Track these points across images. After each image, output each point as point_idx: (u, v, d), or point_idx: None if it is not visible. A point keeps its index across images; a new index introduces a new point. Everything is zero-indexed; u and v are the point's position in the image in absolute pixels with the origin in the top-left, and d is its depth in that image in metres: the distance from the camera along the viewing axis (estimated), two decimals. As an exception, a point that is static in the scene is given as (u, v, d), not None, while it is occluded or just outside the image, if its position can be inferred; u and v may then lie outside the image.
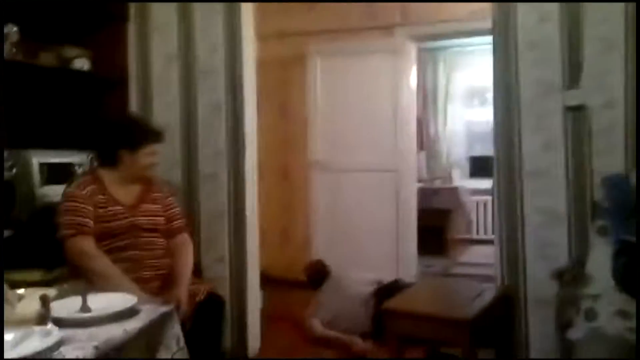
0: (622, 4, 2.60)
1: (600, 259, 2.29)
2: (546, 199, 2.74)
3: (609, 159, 2.63)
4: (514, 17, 2.80)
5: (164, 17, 3.38)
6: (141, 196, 2.60)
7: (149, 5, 3.40)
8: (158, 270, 2.52)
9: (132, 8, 3.43)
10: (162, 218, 2.62)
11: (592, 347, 2.10)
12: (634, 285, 2.07)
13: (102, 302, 1.79)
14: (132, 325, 1.67)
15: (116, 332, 1.60)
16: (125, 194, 2.55)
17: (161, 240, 2.58)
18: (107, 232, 2.43)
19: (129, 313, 1.74)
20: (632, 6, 2.58)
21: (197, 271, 2.80)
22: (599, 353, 2.04)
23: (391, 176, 4.72)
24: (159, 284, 2.49)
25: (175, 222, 2.67)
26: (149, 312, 1.77)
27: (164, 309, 1.82)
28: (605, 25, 2.63)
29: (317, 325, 3.69)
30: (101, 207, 2.45)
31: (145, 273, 2.46)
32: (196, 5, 3.32)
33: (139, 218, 2.51)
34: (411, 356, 2.91)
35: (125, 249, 2.45)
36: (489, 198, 5.71)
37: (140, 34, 3.43)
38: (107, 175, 2.55)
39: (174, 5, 3.36)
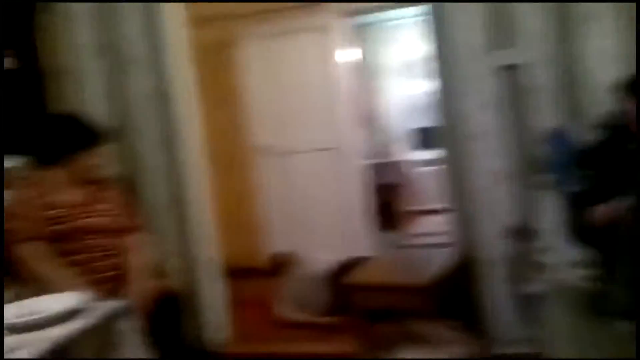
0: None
1: (547, 213, 2.36)
2: (490, 159, 2.78)
3: (544, 114, 2.69)
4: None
5: (80, 6, 3.21)
6: (89, 197, 2.50)
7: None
8: (110, 271, 2.43)
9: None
10: (112, 218, 2.53)
11: (549, 299, 2.16)
12: (584, 235, 2.14)
13: (50, 303, 1.71)
14: (81, 324, 1.61)
15: (64, 332, 1.54)
16: (72, 195, 2.46)
17: (112, 240, 2.49)
18: (55, 235, 2.34)
19: (78, 312, 1.66)
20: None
21: (152, 268, 2.72)
22: (556, 304, 2.10)
23: (335, 154, 4.72)
24: (113, 285, 2.40)
25: (126, 221, 2.59)
26: (100, 309, 1.71)
27: (116, 304, 1.75)
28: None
29: (285, 310, 3.67)
30: (46, 210, 2.35)
31: (97, 275, 2.38)
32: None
33: (88, 219, 2.43)
34: (381, 330, 2.92)
35: (75, 252, 2.37)
36: (433, 169, 5.78)
37: (65, 27, 3.25)
38: (52, 177, 2.46)
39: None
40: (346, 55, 4.79)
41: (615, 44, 2.60)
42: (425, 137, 6.15)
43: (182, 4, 3.35)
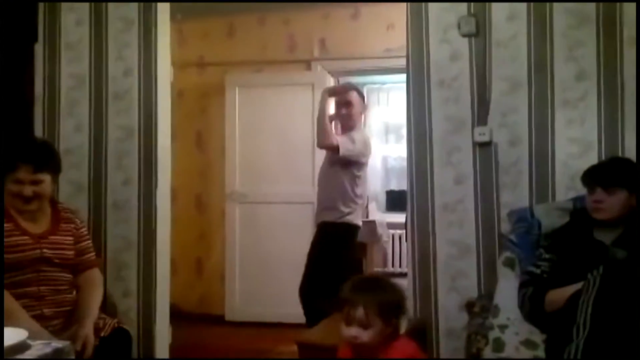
0: (527, 45, 2.75)
1: (507, 290, 2.37)
2: (457, 231, 2.82)
3: (515, 193, 2.75)
4: (427, 56, 2.90)
5: (75, 36, 3.25)
6: (51, 227, 2.43)
7: (60, 25, 3.26)
8: (61, 306, 2.36)
9: (43, 28, 3.28)
10: (72, 252, 2.46)
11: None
12: (539, 316, 2.15)
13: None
14: (21, 362, 1.53)
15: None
16: (33, 223, 2.39)
17: (68, 275, 2.43)
18: (10, 263, 2.24)
19: (18, 349, 1.59)
20: (536, 47, 2.74)
21: (104, 304, 2.65)
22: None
23: (308, 208, 4.70)
24: (62, 321, 2.33)
25: (86, 256, 2.53)
26: (41, 347, 1.64)
27: (57, 344, 1.68)
28: (511, 66, 2.79)
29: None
30: (6, 237, 2.26)
31: (47, 310, 2.31)
32: (110, 25, 3.22)
33: (47, 251, 2.35)
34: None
35: (28, 284, 2.29)
36: (403, 231, 5.81)
37: (50, 55, 3.28)
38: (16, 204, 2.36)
39: (86, 24, 3.23)
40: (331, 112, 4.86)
41: (588, 132, 2.70)
42: (398, 200, 6.20)
43: (174, 45, 3.40)
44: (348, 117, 3.74)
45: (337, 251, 3.67)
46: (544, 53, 2.75)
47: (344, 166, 3.63)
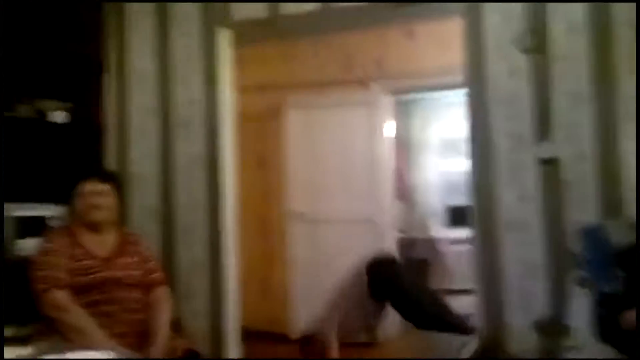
0: (588, 58, 2.70)
1: (580, 310, 2.31)
2: (524, 249, 2.78)
3: (582, 209, 2.70)
4: (485, 72, 2.89)
5: (142, 66, 3.41)
6: (117, 249, 2.54)
7: (127, 55, 3.43)
8: (134, 325, 2.43)
9: (111, 58, 3.46)
10: (139, 272, 2.55)
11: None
12: (614, 336, 2.09)
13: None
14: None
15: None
16: (100, 246, 2.50)
17: (137, 294, 2.50)
18: (81, 286, 2.36)
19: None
20: (598, 59, 2.68)
21: (176, 326, 2.73)
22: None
23: (369, 226, 4.73)
24: (135, 340, 2.40)
25: (152, 276, 2.61)
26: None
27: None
28: (573, 80, 2.74)
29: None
30: (76, 260, 2.39)
31: (120, 329, 2.38)
32: (175, 56, 3.36)
33: (115, 272, 2.45)
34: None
35: (99, 304, 2.38)
36: (467, 247, 5.73)
37: (118, 84, 3.45)
38: (81, 228, 2.51)
39: (152, 55, 3.39)
40: (388, 129, 4.89)
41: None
42: (459, 215, 6.12)
43: (235, 71, 3.50)
44: None
45: None
46: (607, 65, 2.69)
47: None
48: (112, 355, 1.78)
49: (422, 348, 3.01)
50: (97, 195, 2.51)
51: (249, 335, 4.22)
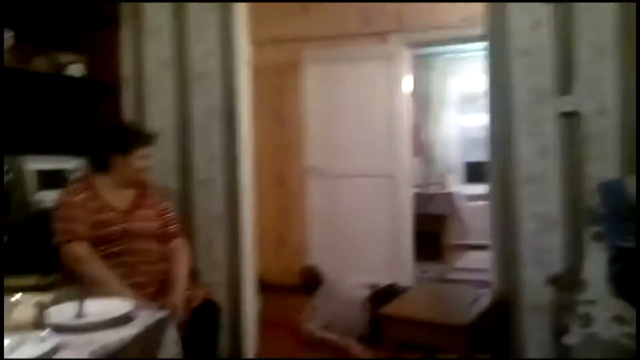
0: (612, 9, 2.62)
1: (596, 265, 2.30)
2: (541, 204, 2.76)
3: (603, 164, 2.65)
4: (507, 24, 2.81)
5: (157, 20, 3.37)
6: (135, 201, 2.60)
7: (142, 9, 3.40)
8: (153, 276, 2.51)
9: (125, 11, 3.43)
10: (157, 223, 2.61)
11: (588, 352, 2.11)
12: (630, 291, 2.08)
13: (97, 308, 1.79)
14: (128, 331, 1.67)
15: (112, 338, 1.60)
16: (119, 199, 2.56)
17: (156, 245, 2.57)
18: (101, 238, 2.43)
19: (125, 319, 1.73)
20: (623, 12, 2.60)
21: (194, 276, 2.79)
22: (595, 358, 2.05)
23: (386, 181, 4.73)
24: (154, 289, 2.48)
25: (171, 227, 2.67)
26: (145, 318, 1.77)
27: (159, 314, 1.81)
28: (596, 31, 2.66)
29: (312, 329, 3.69)
30: (95, 213, 2.45)
31: (140, 279, 2.45)
32: (190, 8, 3.32)
33: (133, 224, 2.51)
34: (408, 360, 2.91)
35: (119, 255, 2.45)
36: (484, 203, 5.70)
37: (133, 38, 3.43)
38: (101, 181, 2.57)
39: (167, 8, 3.35)
40: (406, 83, 4.83)
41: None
42: (478, 171, 6.08)
43: (251, 24, 3.45)
44: None
45: None
46: (632, 15, 2.59)
47: None
48: (129, 303, 1.82)
49: (435, 298, 3.04)
50: (147, 159, 2.62)
51: (266, 287, 4.31)
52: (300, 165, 4.95)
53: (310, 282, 4.18)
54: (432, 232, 5.73)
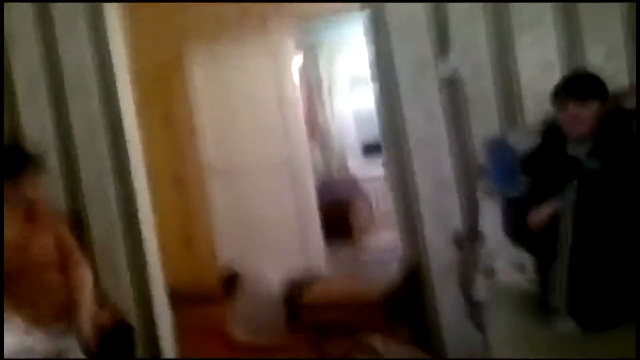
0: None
1: (491, 218, 2.40)
2: (435, 168, 2.83)
3: (485, 123, 2.76)
4: (381, -1, 2.85)
5: (20, 28, 3.13)
6: (29, 231, 2.38)
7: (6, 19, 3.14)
8: (58, 309, 2.32)
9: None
10: (55, 252, 2.42)
11: (496, 302, 2.20)
12: (525, 238, 2.18)
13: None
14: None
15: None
16: (11, 230, 2.33)
17: (56, 275, 2.39)
18: None
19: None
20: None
21: (100, 300, 2.62)
22: (503, 307, 2.13)
23: (286, 172, 4.71)
24: (64, 324, 2.28)
25: (70, 254, 2.48)
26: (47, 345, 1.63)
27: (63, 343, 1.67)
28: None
29: (238, 333, 3.63)
30: None
31: (45, 314, 2.27)
32: (55, 14, 3.10)
33: (31, 257, 2.32)
34: (333, 347, 2.91)
35: (20, 292, 2.25)
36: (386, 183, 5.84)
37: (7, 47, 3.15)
38: None
39: (30, 15, 3.12)
40: (294, 72, 4.81)
41: (552, 52, 2.69)
42: (376, 151, 6.21)
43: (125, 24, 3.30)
44: None
45: None
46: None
47: None
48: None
49: (349, 280, 3.07)
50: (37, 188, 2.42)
51: (179, 298, 4.17)
52: (197, 166, 4.82)
53: (229, 284, 4.10)
54: (339, 217, 5.77)
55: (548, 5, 2.67)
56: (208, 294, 4.66)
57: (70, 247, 2.52)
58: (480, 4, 2.74)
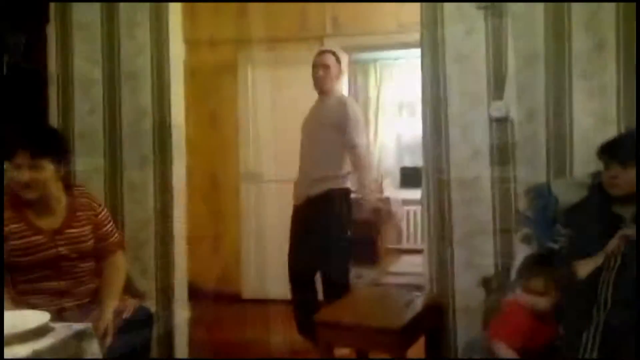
0: (543, 18, 2.69)
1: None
2: (473, 207, 2.80)
3: (531, 168, 2.72)
4: (441, 30, 2.84)
5: (86, 17, 3.22)
6: (66, 218, 2.31)
7: (70, 5, 3.23)
8: (83, 298, 2.33)
9: (53, 8, 3.26)
10: (91, 241, 2.37)
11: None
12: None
13: (11, 320, 1.65)
14: (42, 344, 1.55)
15: (24, 352, 1.48)
16: (47, 217, 2.27)
17: (89, 263, 2.36)
18: (25, 265, 2.17)
19: (40, 331, 1.61)
20: (552, 21, 2.68)
21: (126, 285, 2.65)
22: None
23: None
24: (84, 311, 2.29)
25: (108, 241, 2.46)
26: (62, 329, 1.65)
27: (78, 326, 1.70)
28: (527, 39, 2.73)
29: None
30: (18, 239, 2.17)
31: (68, 304, 2.27)
32: (122, 4, 3.19)
33: (62, 248, 2.26)
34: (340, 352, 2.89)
35: (46, 279, 2.23)
36: (419, 208, 5.79)
37: (62, 34, 3.25)
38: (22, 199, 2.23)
39: (97, 4, 3.21)
40: (344, 89, 4.81)
41: (607, 105, 2.64)
42: (414, 177, 6.17)
43: (186, 23, 3.36)
44: (323, 81, 3.72)
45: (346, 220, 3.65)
46: (561, 24, 2.67)
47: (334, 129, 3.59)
48: (45, 315, 1.70)
49: (369, 302, 3.03)
50: (28, 170, 2.18)
51: (201, 294, 4.21)
52: (235, 169, 4.87)
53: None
54: (367, 236, 5.75)
55: (612, 56, 2.62)
56: (231, 293, 4.73)
57: (111, 233, 2.48)
58: (541, 47, 2.70)
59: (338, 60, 3.80)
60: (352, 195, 3.77)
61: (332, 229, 3.60)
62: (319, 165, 3.66)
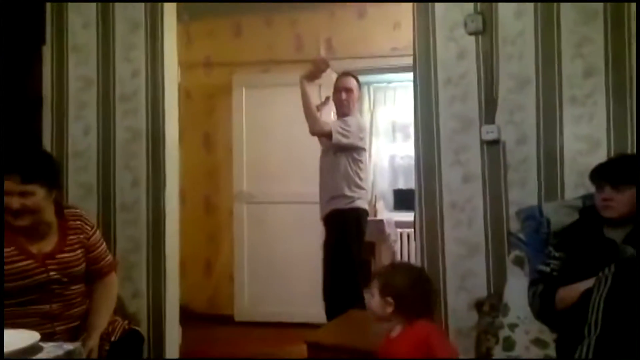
0: (534, 42, 2.74)
1: (517, 289, 2.36)
2: (465, 230, 2.81)
3: (523, 191, 2.74)
4: (434, 54, 2.89)
5: (82, 38, 3.26)
6: (58, 242, 2.27)
7: (66, 27, 3.27)
8: (74, 321, 2.29)
9: (49, 30, 3.29)
10: (82, 265, 2.32)
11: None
12: (550, 314, 2.14)
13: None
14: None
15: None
16: (38, 242, 2.23)
17: (79, 286, 2.32)
18: (16, 289, 2.12)
19: (30, 351, 1.60)
20: (543, 44, 2.72)
21: (117, 306, 2.62)
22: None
23: (317, 208, 4.70)
24: (75, 334, 2.25)
25: (100, 264, 2.41)
26: (52, 349, 1.64)
27: (68, 346, 1.68)
28: (519, 62, 2.78)
29: None
30: (9, 263, 2.12)
31: (59, 327, 2.22)
32: (117, 27, 3.23)
33: (54, 273, 2.21)
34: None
35: (37, 303, 2.18)
36: (412, 230, 5.79)
37: (57, 56, 3.28)
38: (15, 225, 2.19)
39: (93, 26, 3.24)
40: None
41: (597, 129, 2.69)
42: (406, 199, 6.18)
43: (181, 46, 3.39)
44: (346, 103, 3.83)
45: (353, 238, 3.72)
46: (551, 49, 2.74)
47: (344, 151, 3.72)
48: (34, 334, 1.68)
49: (361, 325, 3.02)
50: (18, 196, 2.13)
51: (193, 316, 4.19)
52: (229, 191, 4.87)
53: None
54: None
55: (601, 81, 2.67)
56: (223, 316, 4.70)
57: (100, 256, 2.43)
58: (532, 72, 2.75)
59: (358, 83, 3.98)
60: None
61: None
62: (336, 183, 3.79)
